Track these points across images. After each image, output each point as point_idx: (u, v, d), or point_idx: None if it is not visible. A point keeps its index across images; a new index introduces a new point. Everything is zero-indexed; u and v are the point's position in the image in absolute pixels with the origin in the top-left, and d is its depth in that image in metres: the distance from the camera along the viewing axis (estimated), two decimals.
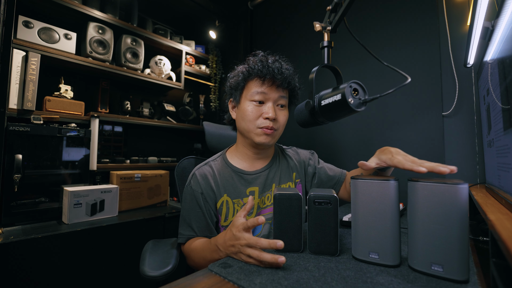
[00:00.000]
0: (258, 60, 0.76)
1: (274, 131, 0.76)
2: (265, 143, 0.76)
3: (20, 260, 0.99)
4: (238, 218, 0.58)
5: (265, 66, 0.74)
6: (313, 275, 0.47)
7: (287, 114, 0.80)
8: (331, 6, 0.63)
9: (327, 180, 0.89)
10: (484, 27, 0.78)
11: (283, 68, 0.75)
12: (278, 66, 0.75)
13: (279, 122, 0.77)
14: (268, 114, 0.74)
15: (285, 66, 0.77)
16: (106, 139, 1.78)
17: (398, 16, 1.32)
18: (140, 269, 0.70)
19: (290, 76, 0.77)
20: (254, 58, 0.78)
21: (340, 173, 0.90)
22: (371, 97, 0.56)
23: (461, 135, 1.12)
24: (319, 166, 0.91)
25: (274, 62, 0.76)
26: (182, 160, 1.01)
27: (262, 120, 0.75)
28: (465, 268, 0.43)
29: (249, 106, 0.76)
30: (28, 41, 1.31)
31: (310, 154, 0.95)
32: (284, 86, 0.77)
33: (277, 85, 0.75)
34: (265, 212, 0.81)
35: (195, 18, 2.23)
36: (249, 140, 0.79)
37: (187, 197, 0.79)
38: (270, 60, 0.76)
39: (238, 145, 0.85)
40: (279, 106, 0.78)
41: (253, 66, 0.76)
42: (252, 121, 0.76)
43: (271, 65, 0.74)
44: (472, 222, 0.78)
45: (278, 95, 0.76)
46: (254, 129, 0.76)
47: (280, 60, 0.78)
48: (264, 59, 0.76)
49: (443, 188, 0.44)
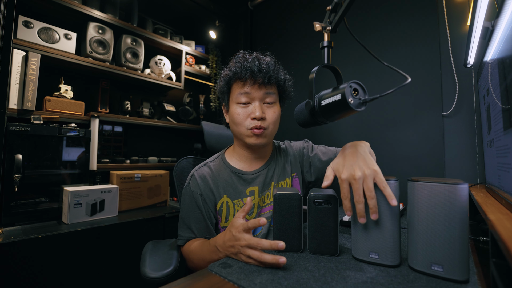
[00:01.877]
0: (237, 61, 0.75)
1: (264, 130, 0.74)
2: (256, 144, 0.76)
3: (20, 260, 0.99)
4: (237, 219, 0.58)
5: (244, 67, 0.73)
6: (313, 275, 0.47)
7: (277, 110, 0.78)
8: (331, 6, 0.63)
9: (323, 166, 0.86)
10: (484, 27, 0.78)
11: (262, 65, 0.73)
12: (257, 64, 0.73)
13: (268, 120, 0.75)
14: (254, 113, 0.73)
15: (264, 61, 0.74)
16: (106, 139, 1.78)
17: (398, 16, 1.32)
18: (141, 271, 0.69)
19: (272, 70, 0.74)
20: (234, 60, 0.77)
21: (335, 153, 0.87)
22: (371, 97, 0.56)
23: (461, 135, 1.12)
24: (312, 154, 0.89)
25: (253, 60, 0.74)
26: (181, 160, 1.00)
27: (250, 121, 0.74)
28: (465, 268, 0.43)
29: (236, 109, 0.75)
30: (28, 41, 1.31)
31: (303, 143, 0.92)
32: (267, 83, 0.74)
33: (260, 83, 0.73)
34: (265, 210, 0.81)
35: (195, 18, 2.23)
36: (243, 142, 0.79)
37: (186, 198, 0.79)
38: (250, 58, 0.75)
39: (235, 147, 0.85)
40: (267, 103, 0.76)
41: (234, 68, 0.75)
42: (241, 124, 0.75)
43: (250, 64, 0.73)
44: (472, 222, 0.78)
45: (263, 93, 0.74)
46: (244, 131, 0.75)
47: (260, 56, 0.76)
48: (243, 60, 0.75)
49: (443, 188, 0.44)
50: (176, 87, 1.98)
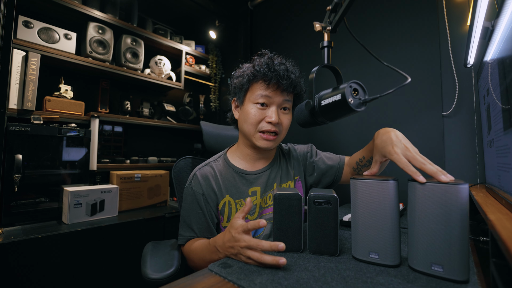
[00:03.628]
0: (264, 63, 0.74)
1: (277, 136, 0.75)
2: (266, 148, 0.76)
3: (20, 260, 0.99)
4: (237, 220, 0.58)
5: (271, 69, 0.72)
6: (313, 275, 0.47)
7: (290, 118, 0.79)
8: (331, 6, 0.63)
9: (327, 169, 0.87)
10: (484, 27, 0.78)
11: (289, 72, 0.73)
12: (284, 69, 0.73)
13: (282, 126, 0.76)
14: (271, 118, 0.73)
15: (291, 69, 0.75)
16: (106, 139, 1.78)
17: (398, 16, 1.32)
18: (142, 272, 0.69)
19: (295, 80, 0.75)
20: (260, 59, 0.76)
21: (339, 160, 0.88)
22: (371, 97, 0.56)
23: (461, 135, 1.12)
24: (316, 158, 0.90)
25: (281, 65, 0.73)
26: (179, 161, 0.99)
27: (264, 124, 0.74)
28: (465, 268, 0.43)
29: (252, 109, 0.75)
30: (28, 41, 1.31)
31: (307, 148, 0.93)
32: (289, 91, 0.75)
33: (282, 89, 0.73)
34: (267, 211, 0.81)
35: (195, 18, 2.23)
36: (250, 142, 0.79)
37: (187, 198, 0.79)
38: (277, 62, 0.74)
39: (239, 145, 0.85)
40: (283, 109, 0.77)
41: (259, 68, 0.74)
42: (254, 124, 0.75)
43: (278, 68, 0.72)
44: (472, 222, 0.78)
45: (283, 99, 0.75)
46: (255, 133, 0.75)
47: (287, 63, 0.76)
48: (270, 62, 0.74)
49: (443, 188, 0.44)
50: (176, 87, 1.98)
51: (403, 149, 0.54)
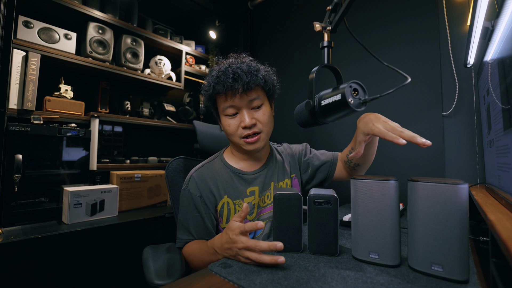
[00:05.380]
0: (215, 76, 0.72)
1: (259, 135, 0.75)
2: (255, 149, 0.76)
3: (20, 260, 0.99)
4: (234, 221, 0.58)
5: (220, 81, 0.70)
6: (313, 275, 0.47)
7: (267, 111, 0.76)
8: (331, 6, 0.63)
9: (320, 164, 0.89)
10: (484, 27, 0.78)
11: (238, 74, 0.69)
12: (231, 74, 0.69)
13: (261, 123, 0.75)
14: (244, 122, 0.72)
15: (240, 69, 0.70)
16: (106, 139, 1.78)
17: (398, 16, 1.32)
18: (147, 278, 0.66)
19: (251, 75, 0.71)
20: (212, 74, 0.74)
21: (332, 155, 0.90)
22: (371, 97, 0.56)
23: (461, 135, 1.12)
24: (311, 155, 0.92)
25: (227, 71, 0.70)
26: (172, 161, 0.97)
27: (241, 130, 0.74)
28: (465, 268, 0.43)
29: (226, 121, 0.75)
30: (28, 41, 1.31)
31: (302, 146, 0.95)
32: (251, 88, 0.71)
33: (241, 92, 0.70)
34: (265, 211, 0.81)
35: (195, 18, 2.23)
36: (240, 149, 0.79)
37: (184, 201, 0.78)
38: (224, 68, 0.72)
39: (232, 149, 0.86)
40: (255, 108, 0.75)
41: (213, 85, 0.72)
42: (233, 134, 0.75)
43: (224, 77, 0.70)
44: (472, 222, 0.78)
45: (248, 100, 0.72)
46: (239, 140, 0.75)
47: (236, 64, 0.72)
48: (220, 73, 0.71)
49: (443, 188, 0.44)
50: (176, 87, 1.98)
51: (383, 124, 0.60)
